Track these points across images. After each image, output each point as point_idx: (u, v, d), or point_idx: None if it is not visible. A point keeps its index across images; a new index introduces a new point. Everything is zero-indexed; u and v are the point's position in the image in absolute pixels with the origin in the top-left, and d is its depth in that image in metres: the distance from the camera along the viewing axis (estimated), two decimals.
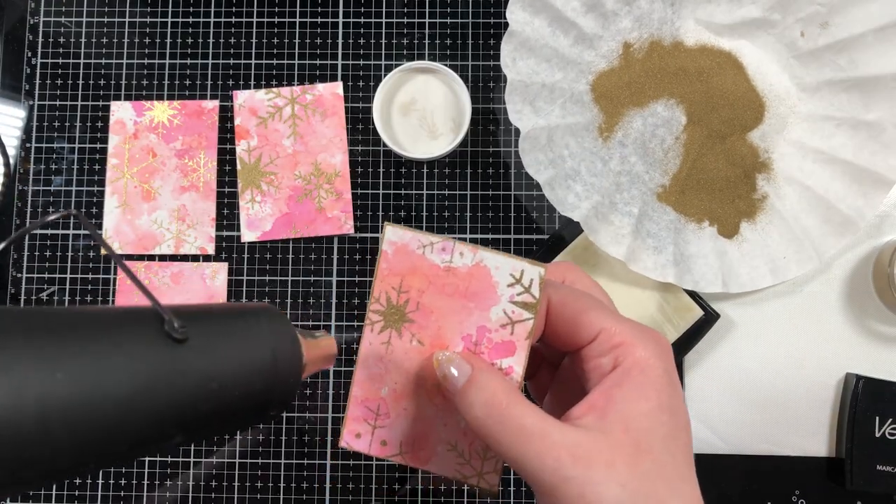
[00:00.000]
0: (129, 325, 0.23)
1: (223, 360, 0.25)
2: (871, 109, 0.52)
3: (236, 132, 0.59)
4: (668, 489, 0.24)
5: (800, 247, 0.53)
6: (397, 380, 0.28)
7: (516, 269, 0.27)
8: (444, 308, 0.28)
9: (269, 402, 0.27)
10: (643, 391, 0.25)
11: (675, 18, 0.55)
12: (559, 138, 0.53)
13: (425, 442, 0.28)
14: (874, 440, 0.52)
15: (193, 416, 0.23)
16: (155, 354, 0.22)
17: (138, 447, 0.22)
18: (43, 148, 0.59)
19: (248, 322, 0.26)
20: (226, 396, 0.24)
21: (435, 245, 0.27)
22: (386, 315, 0.28)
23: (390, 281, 0.28)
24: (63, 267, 0.58)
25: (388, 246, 0.28)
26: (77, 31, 0.60)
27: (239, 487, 0.56)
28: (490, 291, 0.27)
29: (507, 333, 0.27)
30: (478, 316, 0.27)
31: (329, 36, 0.60)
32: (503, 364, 0.27)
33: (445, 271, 0.27)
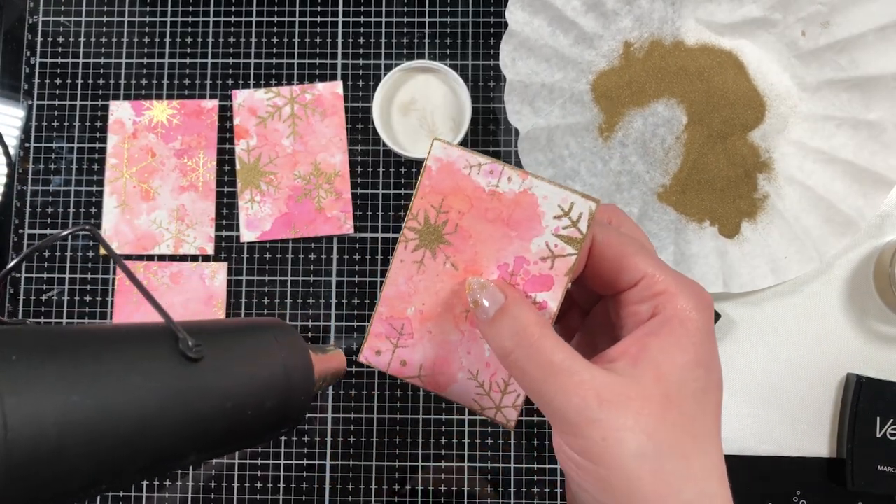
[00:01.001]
0: (145, 345, 0.23)
1: (237, 379, 0.24)
2: (872, 109, 0.52)
3: (236, 132, 0.59)
4: (694, 444, 0.23)
5: (801, 247, 0.52)
6: (425, 301, 0.27)
7: (566, 200, 0.26)
8: (483, 233, 0.26)
9: (283, 419, 0.26)
10: (680, 343, 0.24)
11: (675, 18, 0.55)
12: (559, 138, 0.53)
13: (446, 367, 0.28)
14: (875, 441, 0.52)
15: (208, 435, 0.23)
16: (170, 374, 0.22)
17: (152, 467, 0.22)
18: (42, 148, 0.59)
19: (260, 339, 0.26)
20: (240, 415, 0.24)
21: (483, 166, 0.26)
22: (422, 234, 0.27)
23: (431, 199, 0.27)
24: (63, 267, 0.58)
25: (434, 162, 0.26)
26: (76, 31, 0.60)
27: (239, 488, 0.56)
28: (534, 221, 0.26)
29: (547, 267, 0.26)
30: (518, 245, 0.26)
31: (329, 35, 0.60)
32: (538, 298, 0.26)
33: (490, 195, 0.26)
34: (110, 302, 0.58)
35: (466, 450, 0.56)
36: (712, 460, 0.24)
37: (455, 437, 0.56)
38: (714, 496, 0.23)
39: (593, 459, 0.23)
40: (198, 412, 0.23)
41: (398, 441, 0.56)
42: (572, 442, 0.23)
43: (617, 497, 0.23)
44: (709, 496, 0.23)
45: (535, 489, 0.55)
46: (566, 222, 0.26)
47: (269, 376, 0.25)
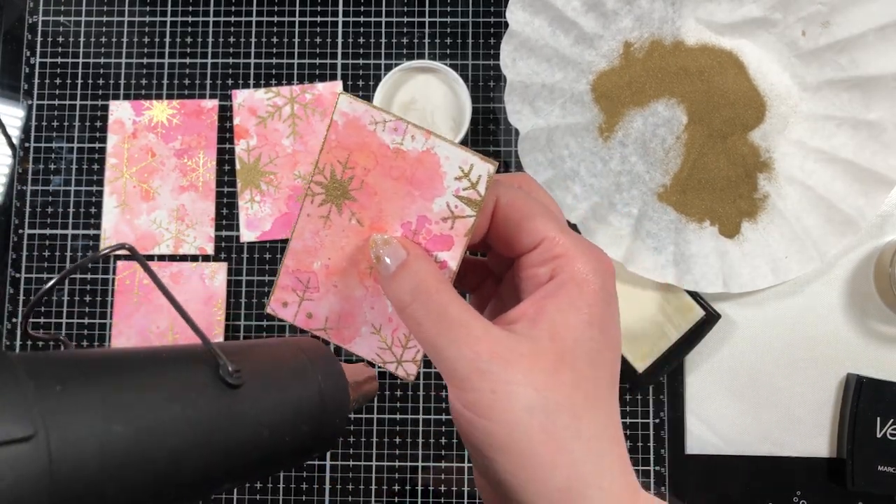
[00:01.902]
0: (185, 372, 0.22)
1: (275, 407, 0.24)
2: (872, 109, 0.52)
3: (235, 132, 0.59)
4: (585, 402, 0.23)
5: (801, 247, 0.52)
6: (331, 256, 0.28)
7: (466, 162, 0.26)
8: (388, 191, 0.27)
9: (316, 444, 0.26)
10: (575, 304, 0.24)
11: (675, 18, 0.55)
12: (559, 138, 0.53)
13: (350, 321, 0.28)
14: (875, 441, 0.52)
15: (243, 463, 0.23)
16: (211, 403, 0.22)
17: (186, 497, 0.22)
18: (42, 147, 0.59)
19: (297, 363, 0.26)
20: (276, 442, 0.24)
21: (388, 123, 0.26)
22: (328, 189, 0.27)
23: (337, 154, 0.27)
24: (63, 267, 0.58)
25: (340, 117, 0.26)
26: (76, 31, 0.60)
27: (239, 487, 0.56)
28: (436, 181, 0.26)
29: (448, 227, 0.26)
30: (420, 204, 0.26)
31: (329, 35, 0.60)
32: (439, 257, 0.27)
33: (394, 153, 0.26)
34: (110, 302, 0.57)
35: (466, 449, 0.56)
36: (604, 420, 0.24)
37: (455, 437, 0.56)
38: (603, 454, 0.23)
39: (483, 413, 0.23)
40: (235, 441, 0.22)
41: (398, 441, 0.56)
42: (462, 396, 0.23)
43: (506, 453, 0.23)
44: (598, 454, 0.23)
45: None
46: (466, 184, 0.26)
47: (306, 402, 0.25)
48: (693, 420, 0.55)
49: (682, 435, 0.55)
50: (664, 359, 0.53)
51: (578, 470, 0.23)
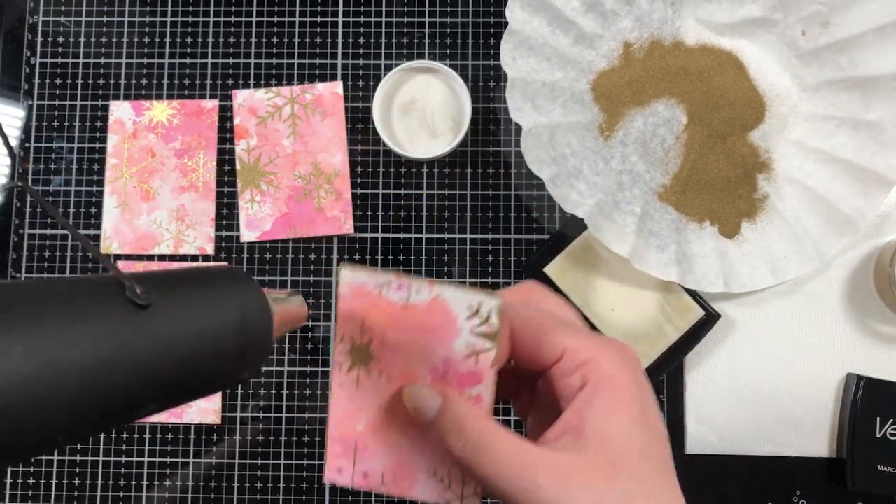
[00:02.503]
0: (89, 294, 0.22)
1: (190, 323, 0.24)
2: (872, 109, 0.52)
3: (236, 132, 0.59)
4: (647, 502, 0.24)
5: (800, 247, 0.52)
6: (371, 415, 0.29)
7: (473, 301, 0.27)
8: (408, 344, 0.28)
9: (242, 364, 0.26)
10: (613, 406, 0.25)
11: (675, 18, 0.55)
12: (561, 136, 0.53)
13: (406, 471, 0.29)
14: (875, 440, 0.52)
15: (164, 381, 0.23)
16: (118, 322, 0.22)
17: (109, 417, 0.22)
18: (42, 147, 0.59)
19: (213, 284, 0.26)
20: (196, 360, 0.24)
21: (392, 283, 0.27)
22: (352, 355, 0.28)
23: (352, 322, 0.28)
24: (63, 267, 0.58)
25: (346, 288, 0.28)
26: (76, 31, 0.60)
27: (239, 488, 0.56)
28: (450, 324, 0.27)
29: (472, 364, 0.27)
30: (442, 348, 0.27)
31: (329, 36, 0.60)
32: (472, 392, 0.27)
33: (404, 309, 0.27)
34: None
35: None
36: None
37: None
38: None
39: None
40: (151, 359, 0.22)
41: None
42: None
43: None
44: None
45: None
46: (478, 321, 0.27)
47: (225, 319, 0.25)
48: (693, 420, 0.55)
49: (681, 435, 0.55)
50: (664, 359, 0.54)
51: None
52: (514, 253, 0.57)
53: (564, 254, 0.55)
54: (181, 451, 0.56)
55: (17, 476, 0.56)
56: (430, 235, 0.58)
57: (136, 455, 0.56)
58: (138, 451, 0.56)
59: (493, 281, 0.57)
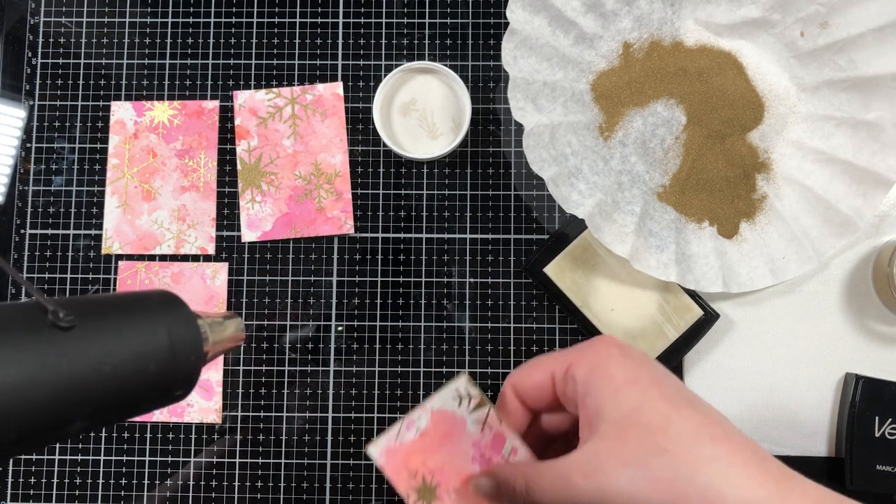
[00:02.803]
0: (9, 318, 0.23)
1: (114, 344, 0.25)
2: (871, 109, 0.52)
3: (236, 132, 0.59)
4: (665, 437, 0.26)
5: (799, 247, 0.53)
6: None
7: (452, 390, 0.32)
8: (446, 457, 0.32)
9: (172, 384, 0.27)
10: (600, 385, 0.28)
11: (674, 19, 0.55)
12: (561, 136, 0.53)
13: None
14: (874, 440, 0.52)
15: (89, 400, 0.24)
16: (39, 343, 0.23)
17: (33, 436, 0.23)
18: (43, 148, 0.59)
19: (139, 307, 0.27)
20: (121, 380, 0.25)
21: (401, 429, 0.32)
22: (422, 497, 0.32)
23: (403, 477, 0.32)
24: (63, 267, 0.58)
25: (380, 460, 0.32)
26: (77, 31, 0.60)
27: (239, 487, 0.56)
28: (455, 420, 0.32)
29: (489, 431, 0.32)
30: (465, 439, 0.32)
31: (329, 36, 0.60)
32: (507, 451, 0.32)
33: (422, 437, 0.32)
34: None
35: None
36: (692, 427, 0.26)
37: None
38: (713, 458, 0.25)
39: None
40: (73, 378, 0.23)
41: None
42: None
43: None
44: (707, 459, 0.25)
45: None
46: (466, 401, 0.32)
47: (151, 340, 0.26)
48: None
49: None
50: (663, 358, 0.54)
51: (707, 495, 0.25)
52: (514, 253, 0.57)
53: (564, 254, 0.55)
54: (182, 450, 0.56)
55: (18, 476, 0.57)
56: (430, 235, 0.58)
57: (136, 454, 0.57)
58: (139, 450, 0.57)
59: (493, 280, 0.57)
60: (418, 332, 0.57)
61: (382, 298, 0.57)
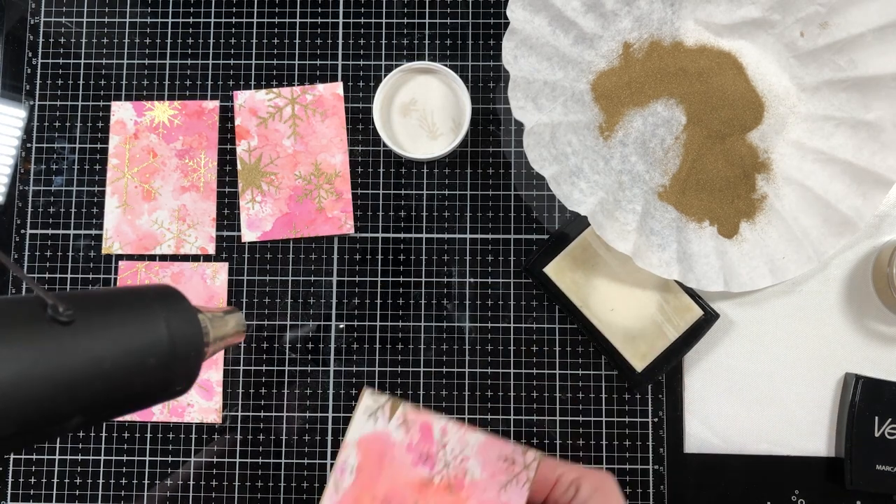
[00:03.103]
0: (9, 313, 0.23)
1: (113, 340, 0.25)
2: (871, 109, 0.52)
3: (236, 132, 0.59)
4: None
5: (799, 247, 0.53)
6: None
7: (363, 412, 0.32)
8: (391, 479, 0.32)
9: (172, 378, 0.27)
10: (605, 499, 0.32)
11: (674, 19, 0.55)
12: (561, 135, 0.53)
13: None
14: (873, 440, 0.52)
15: (88, 395, 0.24)
16: (38, 338, 0.23)
17: (32, 431, 0.23)
18: (44, 148, 0.59)
19: (139, 302, 0.27)
20: (120, 374, 0.25)
21: (337, 479, 0.32)
22: None
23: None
24: (63, 267, 0.58)
25: None
26: (77, 32, 0.60)
27: (239, 487, 0.56)
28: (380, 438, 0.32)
29: (414, 427, 0.32)
30: (398, 450, 0.32)
31: (329, 36, 0.60)
32: (438, 431, 0.32)
33: (359, 473, 0.32)
34: None
35: None
36: None
37: None
38: None
39: None
40: (73, 374, 0.23)
41: None
42: None
43: None
44: None
45: None
46: (380, 412, 0.33)
47: (150, 335, 0.26)
48: (691, 419, 0.56)
49: (680, 434, 0.55)
50: (663, 358, 0.54)
51: None
52: (514, 253, 0.57)
53: (564, 254, 0.55)
54: (182, 450, 0.56)
55: (18, 476, 0.57)
56: (430, 235, 0.58)
57: (136, 454, 0.57)
58: (139, 450, 0.57)
59: (493, 280, 0.57)
60: (418, 332, 0.57)
61: (382, 298, 0.57)
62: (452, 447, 0.32)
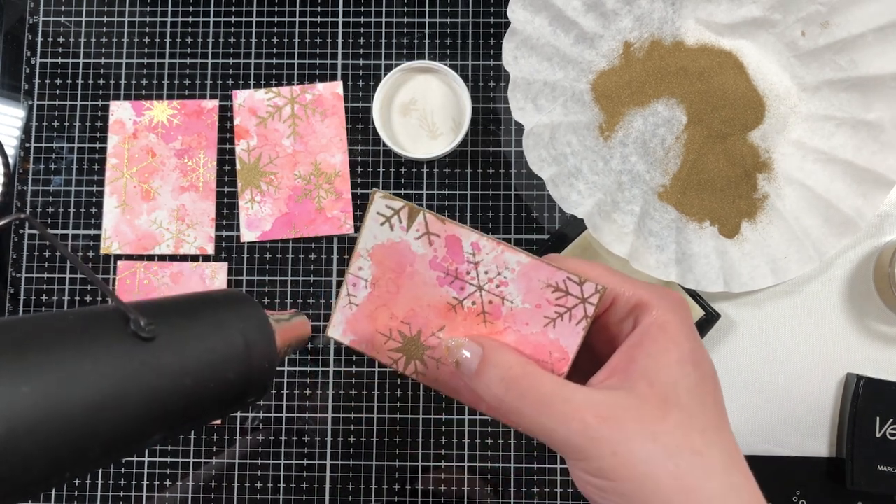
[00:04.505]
0: (93, 329, 0.22)
1: (194, 355, 0.24)
2: (872, 109, 0.52)
3: (236, 132, 0.59)
4: (702, 438, 0.23)
5: (800, 247, 0.53)
6: None
7: (374, 216, 0.27)
8: (412, 297, 0.27)
9: (247, 390, 0.26)
10: (663, 346, 0.25)
11: (675, 18, 0.55)
12: (561, 136, 0.53)
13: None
14: (875, 440, 0.52)
15: (170, 413, 0.23)
16: (123, 356, 0.22)
17: (116, 451, 0.22)
18: (42, 148, 0.59)
19: (216, 312, 0.26)
20: (200, 390, 0.24)
21: (349, 291, 0.27)
22: (408, 355, 0.28)
23: (381, 346, 0.28)
24: (63, 267, 0.58)
25: (343, 337, 0.28)
26: (77, 31, 0.60)
27: (239, 487, 0.56)
28: (397, 248, 0.27)
29: (440, 240, 0.27)
30: (420, 264, 0.27)
31: (329, 36, 0.60)
32: (469, 248, 0.26)
33: (375, 287, 0.27)
34: (111, 302, 0.58)
35: (466, 450, 0.56)
36: (726, 450, 0.24)
37: (455, 437, 0.56)
38: (739, 487, 0.23)
39: (610, 477, 0.23)
40: (156, 392, 0.22)
41: (398, 441, 0.56)
42: (586, 466, 0.24)
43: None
44: (734, 487, 0.23)
45: (535, 489, 0.55)
46: (395, 218, 0.27)
47: (228, 348, 0.25)
48: None
49: None
50: None
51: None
52: None
53: (563, 253, 0.55)
54: (181, 450, 0.56)
55: None
56: None
57: (136, 455, 0.56)
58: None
59: None
60: None
61: None
62: (487, 267, 0.26)
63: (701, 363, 0.25)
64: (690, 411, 0.24)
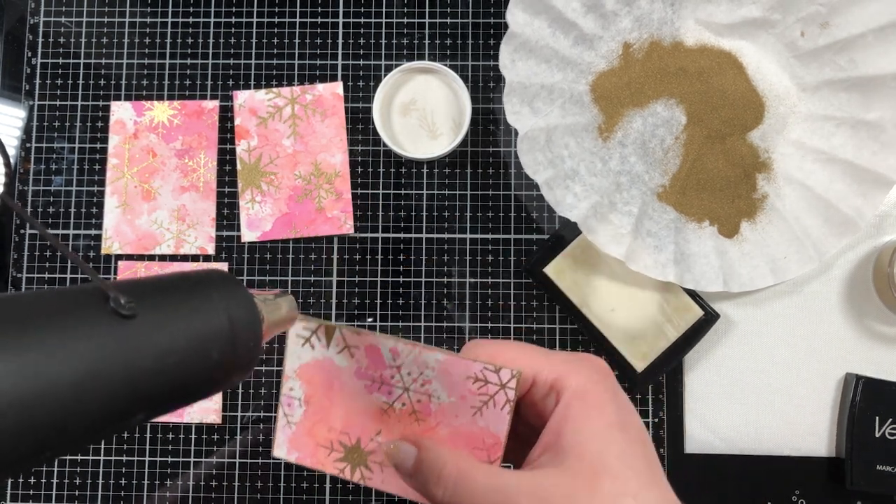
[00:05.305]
0: (72, 306, 0.22)
1: (177, 333, 0.24)
2: (871, 109, 0.52)
3: (236, 132, 0.59)
4: (639, 488, 0.24)
5: (800, 247, 0.53)
6: None
7: (295, 340, 0.29)
8: (345, 408, 0.29)
9: (232, 369, 0.26)
10: (587, 415, 0.25)
11: (675, 19, 0.55)
12: (558, 138, 0.53)
13: None
14: (874, 440, 0.52)
15: (152, 391, 0.23)
16: (103, 334, 0.22)
17: (99, 429, 0.22)
18: (43, 148, 0.59)
19: (199, 291, 0.26)
20: (184, 368, 0.24)
21: (286, 413, 0.29)
22: (353, 462, 0.29)
23: (324, 458, 0.29)
24: (63, 267, 0.58)
25: (289, 455, 0.29)
26: (77, 31, 0.60)
27: (239, 487, 0.56)
28: (323, 365, 0.28)
29: (359, 352, 0.29)
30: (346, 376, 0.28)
31: (329, 36, 0.60)
32: (388, 355, 0.28)
33: (309, 405, 0.29)
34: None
35: None
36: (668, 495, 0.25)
37: None
38: None
39: None
40: (138, 370, 0.22)
41: None
42: None
43: None
44: None
45: None
46: (314, 338, 0.29)
47: (212, 327, 0.25)
48: (692, 419, 0.55)
49: (680, 434, 0.55)
50: (663, 358, 0.54)
51: None
52: (514, 253, 0.57)
53: (564, 254, 0.55)
54: (182, 450, 0.56)
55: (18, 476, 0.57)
56: (430, 235, 0.58)
57: (136, 455, 0.56)
58: (139, 450, 0.56)
59: (493, 280, 0.57)
60: (418, 332, 0.57)
61: (382, 298, 0.57)
62: (409, 369, 0.28)
63: (627, 426, 0.25)
64: (622, 477, 0.24)
